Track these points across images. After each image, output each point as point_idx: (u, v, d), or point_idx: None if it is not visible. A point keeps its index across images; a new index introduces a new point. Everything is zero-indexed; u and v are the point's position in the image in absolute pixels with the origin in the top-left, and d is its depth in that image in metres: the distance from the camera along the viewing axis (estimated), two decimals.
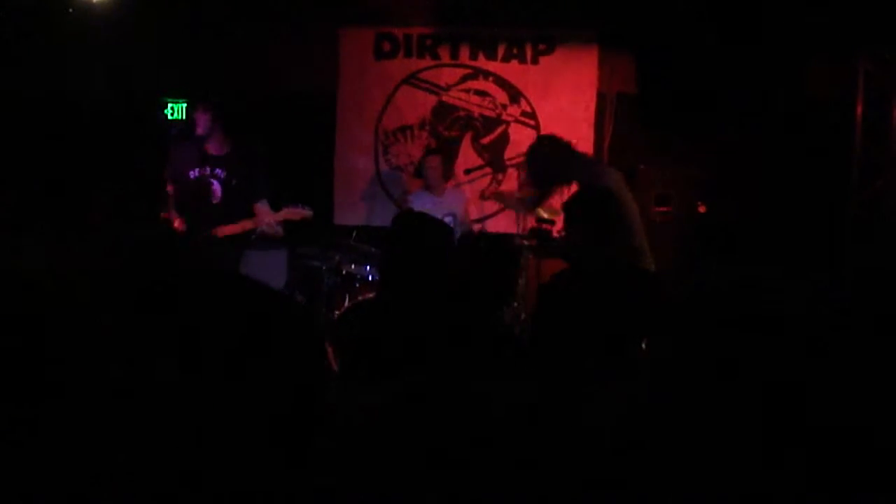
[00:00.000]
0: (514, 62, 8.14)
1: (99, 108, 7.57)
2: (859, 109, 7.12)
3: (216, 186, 6.39)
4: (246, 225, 6.34)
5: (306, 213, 6.46)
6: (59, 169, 7.28)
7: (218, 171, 6.39)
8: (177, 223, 6.38)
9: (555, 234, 6.44)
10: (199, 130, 6.33)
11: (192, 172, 6.40)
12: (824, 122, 7.24)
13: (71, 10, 6.29)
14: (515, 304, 6.67)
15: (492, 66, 8.17)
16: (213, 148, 6.39)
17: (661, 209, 7.21)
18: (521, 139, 8.15)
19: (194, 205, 6.41)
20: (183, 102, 7.36)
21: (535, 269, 7.41)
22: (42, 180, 6.99)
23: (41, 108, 7.30)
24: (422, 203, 7.43)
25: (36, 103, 7.26)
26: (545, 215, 7.13)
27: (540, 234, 6.21)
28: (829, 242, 7.16)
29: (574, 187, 5.35)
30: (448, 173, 7.79)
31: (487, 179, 8.25)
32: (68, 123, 7.43)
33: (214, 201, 6.39)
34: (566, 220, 4.21)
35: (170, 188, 6.48)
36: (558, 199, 6.44)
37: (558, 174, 5.43)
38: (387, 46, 8.26)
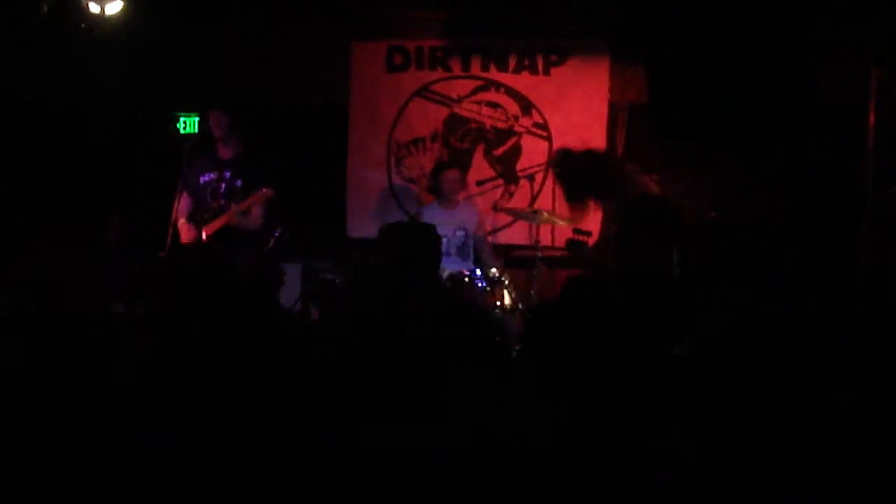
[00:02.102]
0: (526, 73, 8.16)
1: (111, 121, 7.62)
2: (872, 116, 7.10)
3: (222, 189, 6.43)
4: (224, 219, 6.33)
5: (265, 192, 6.35)
6: (70, 182, 7.32)
7: (226, 173, 6.44)
8: (184, 230, 6.39)
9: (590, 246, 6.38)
10: (217, 133, 6.36)
11: (203, 177, 6.46)
12: (837, 129, 7.22)
13: (83, 24, 6.34)
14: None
15: (503, 77, 8.19)
16: (224, 152, 6.44)
17: None
18: (533, 150, 8.18)
19: (198, 210, 6.46)
20: (195, 116, 7.41)
21: (548, 279, 7.40)
22: (54, 193, 7.02)
23: (53, 121, 7.35)
24: (434, 216, 7.42)
25: (48, 115, 7.31)
26: (559, 223, 7.14)
27: (576, 245, 6.18)
28: (844, 248, 7.13)
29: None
30: (462, 185, 7.77)
31: (500, 191, 8.26)
32: (80, 137, 7.48)
33: (215, 203, 6.42)
34: (624, 230, 4.14)
35: (184, 197, 6.50)
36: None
37: (598, 188, 5.32)
38: (398, 59, 8.28)
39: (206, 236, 6.31)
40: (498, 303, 6.73)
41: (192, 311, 2.82)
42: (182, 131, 7.67)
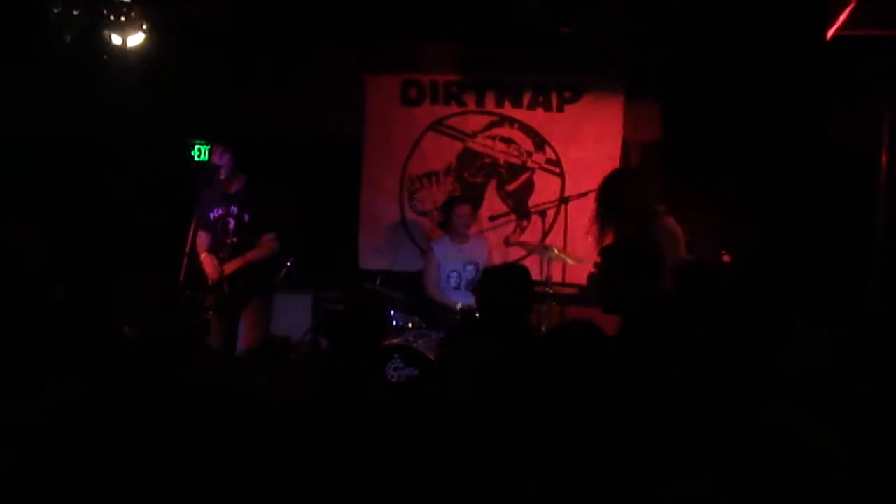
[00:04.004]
0: (540, 110, 8.20)
1: (132, 150, 7.69)
2: (884, 158, 7.12)
3: (232, 224, 6.43)
4: (239, 262, 6.34)
5: (268, 244, 6.41)
6: (90, 211, 7.38)
7: (233, 208, 6.42)
8: (208, 264, 6.39)
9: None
10: (223, 174, 6.36)
11: (212, 213, 6.46)
12: (848, 170, 7.24)
13: (105, 55, 6.41)
14: None
15: (517, 113, 8.24)
16: (229, 186, 6.44)
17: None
18: (545, 186, 8.20)
19: (216, 245, 6.46)
20: (209, 145, 7.47)
21: (559, 316, 7.40)
22: (73, 222, 7.07)
23: (76, 151, 7.42)
24: (445, 251, 7.45)
25: (71, 146, 7.38)
26: (569, 261, 7.15)
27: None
28: (854, 290, 7.12)
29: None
30: (474, 221, 7.77)
31: (512, 226, 8.28)
32: (101, 166, 7.54)
33: (230, 240, 6.42)
34: (607, 267, 4.16)
35: (200, 234, 6.51)
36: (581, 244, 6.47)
37: (625, 212, 5.29)
38: (413, 93, 8.34)
39: (226, 274, 6.34)
40: None
41: None
42: (196, 159, 7.75)
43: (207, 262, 6.38)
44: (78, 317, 3.61)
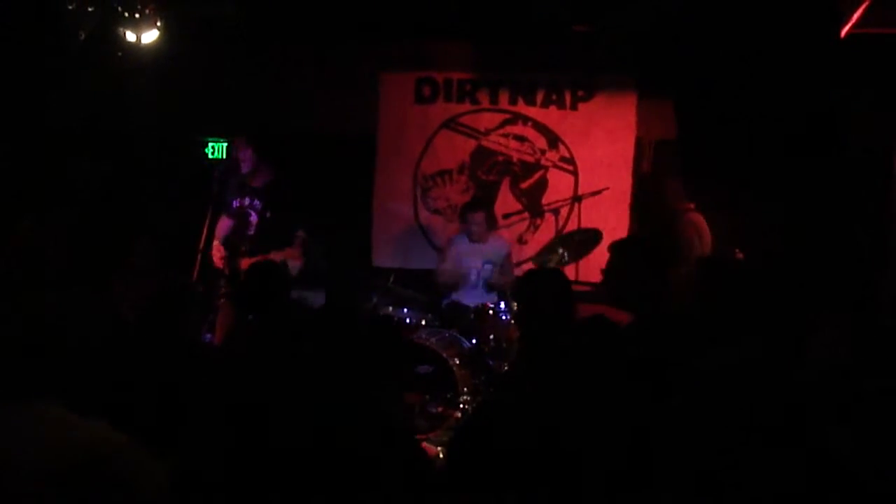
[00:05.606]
0: (553, 108, 8.19)
1: (147, 147, 7.73)
2: None
3: (253, 217, 6.48)
4: (288, 254, 6.38)
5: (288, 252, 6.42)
6: (100, 206, 7.41)
7: (256, 202, 6.48)
8: (217, 254, 6.45)
9: None
10: (245, 167, 6.43)
11: (234, 202, 6.53)
12: (863, 170, 7.20)
13: (120, 52, 6.44)
14: None
15: (531, 111, 8.23)
16: (254, 180, 6.50)
17: None
18: (559, 184, 8.20)
19: (234, 234, 6.52)
20: (224, 142, 7.51)
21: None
22: (86, 219, 7.10)
23: (89, 149, 7.44)
24: (464, 249, 7.42)
25: (85, 142, 7.41)
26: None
27: None
28: (868, 291, 7.09)
29: None
30: (492, 224, 7.60)
31: (525, 224, 8.28)
32: (115, 162, 7.57)
33: (250, 232, 6.48)
34: (616, 263, 4.17)
35: (222, 219, 6.56)
36: None
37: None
38: (427, 91, 8.34)
39: (243, 268, 6.38)
40: None
41: None
42: (210, 156, 7.79)
43: (216, 250, 6.45)
44: None
